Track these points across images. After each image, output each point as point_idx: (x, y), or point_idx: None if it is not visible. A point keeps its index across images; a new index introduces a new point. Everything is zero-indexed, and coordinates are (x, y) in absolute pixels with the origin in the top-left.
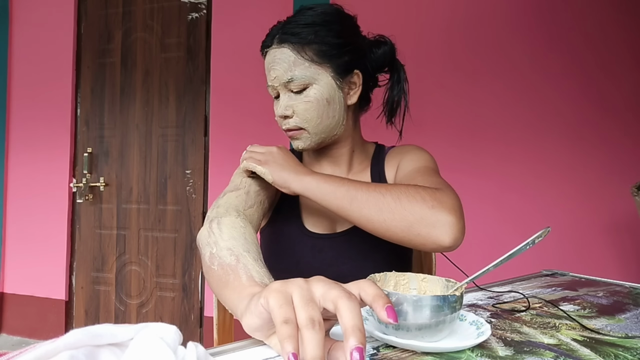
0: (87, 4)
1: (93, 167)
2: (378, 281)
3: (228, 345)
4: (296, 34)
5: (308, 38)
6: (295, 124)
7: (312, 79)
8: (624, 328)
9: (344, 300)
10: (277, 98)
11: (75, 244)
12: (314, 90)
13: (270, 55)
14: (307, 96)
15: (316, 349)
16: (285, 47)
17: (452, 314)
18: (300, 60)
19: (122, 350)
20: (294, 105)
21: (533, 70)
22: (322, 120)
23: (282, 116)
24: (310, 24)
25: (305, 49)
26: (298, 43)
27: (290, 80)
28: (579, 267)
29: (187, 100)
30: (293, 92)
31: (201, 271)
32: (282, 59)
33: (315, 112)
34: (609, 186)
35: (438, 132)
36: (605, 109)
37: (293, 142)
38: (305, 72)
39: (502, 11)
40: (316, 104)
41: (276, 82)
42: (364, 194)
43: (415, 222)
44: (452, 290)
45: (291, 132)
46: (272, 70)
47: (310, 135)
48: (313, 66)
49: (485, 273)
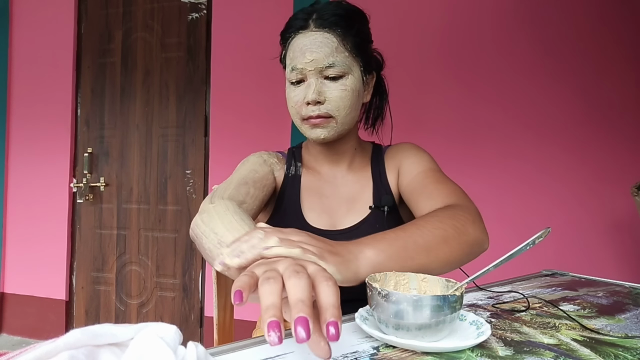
0: (87, 4)
1: (93, 167)
2: (378, 281)
3: (228, 345)
4: (337, 22)
5: (350, 29)
6: (327, 111)
7: (349, 68)
8: (624, 328)
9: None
10: (299, 83)
11: (76, 244)
12: (350, 80)
13: (307, 38)
14: (343, 85)
15: (301, 291)
16: (327, 32)
17: (452, 314)
18: (342, 48)
19: (122, 350)
20: (327, 92)
21: (533, 71)
22: (351, 111)
23: (314, 101)
24: (347, 16)
25: (347, 38)
26: (342, 31)
27: (331, 66)
28: (579, 267)
29: (187, 100)
30: (328, 78)
31: (201, 271)
32: (324, 42)
33: (349, 102)
34: (609, 186)
35: (438, 133)
36: (605, 110)
37: (314, 131)
38: (345, 60)
39: (501, 14)
40: (351, 94)
41: (312, 65)
42: (432, 239)
43: (474, 243)
44: (452, 290)
45: (318, 120)
46: (308, 52)
47: (337, 126)
48: (350, 57)
49: (485, 273)
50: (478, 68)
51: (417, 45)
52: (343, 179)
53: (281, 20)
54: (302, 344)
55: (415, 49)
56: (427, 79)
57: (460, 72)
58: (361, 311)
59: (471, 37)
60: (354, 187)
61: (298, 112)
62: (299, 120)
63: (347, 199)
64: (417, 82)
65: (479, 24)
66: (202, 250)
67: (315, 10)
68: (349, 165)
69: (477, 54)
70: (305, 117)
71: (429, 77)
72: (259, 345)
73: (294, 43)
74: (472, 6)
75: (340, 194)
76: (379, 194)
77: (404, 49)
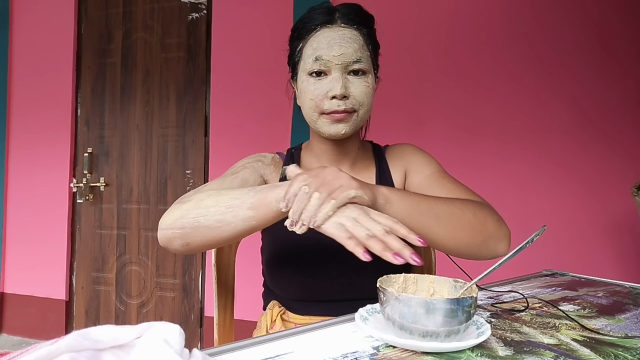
0: (87, 4)
1: (93, 167)
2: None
3: (228, 345)
4: (362, 22)
5: (371, 31)
6: (352, 106)
7: (370, 67)
8: (624, 328)
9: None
10: (319, 76)
11: (76, 244)
12: (371, 79)
13: (335, 32)
14: (366, 82)
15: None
16: (355, 30)
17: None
18: (365, 46)
19: (124, 352)
20: (351, 87)
21: (532, 69)
22: (370, 108)
23: (341, 95)
24: (369, 19)
25: (370, 40)
26: (367, 32)
27: (358, 61)
28: (579, 267)
29: (187, 100)
30: (352, 74)
31: (201, 271)
32: (352, 39)
33: (371, 99)
34: (609, 186)
35: (437, 131)
36: (605, 109)
37: (335, 127)
38: (368, 59)
39: (502, 10)
40: (371, 92)
41: (339, 59)
42: (446, 211)
43: (489, 237)
44: (463, 290)
45: (342, 115)
46: (337, 46)
47: (358, 120)
48: (370, 57)
49: (489, 273)
50: (478, 68)
51: (417, 45)
52: None
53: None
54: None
55: (414, 49)
56: (427, 79)
57: (459, 72)
58: (361, 311)
59: (471, 37)
60: None
61: (318, 106)
62: (317, 114)
63: None
64: (416, 82)
65: (479, 25)
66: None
67: (337, 9)
68: (352, 165)
69: (476, 54)
70: (328, 112)
71: (428, 77)
72: (259, 345)
73: (320, 35)
74: (472, 6)
75: None
76: None
77: (403, 48)
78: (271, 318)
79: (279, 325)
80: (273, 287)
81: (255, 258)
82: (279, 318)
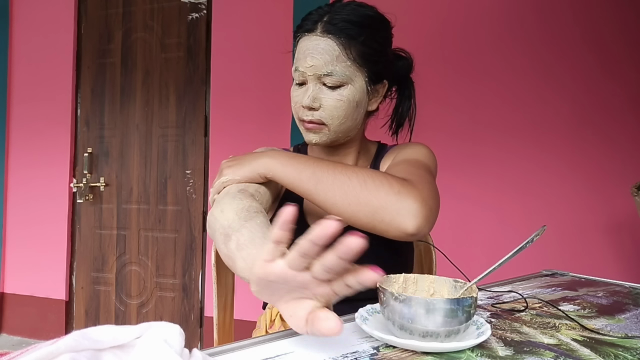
0: (87, 4)
1: (93, 167)
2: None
3: (228, 345)
4: (345, 29)
5: (357, 37)
6: (320, 118)
7: (350, 78)
8: (624, 328)
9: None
10: (301, 85)
11: (76, 244)
12: (348, 91)
13: (311, 42)
14: (340, 95)
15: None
16: (330, 39)
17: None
18: (344, 57)
19: (124, 352)
20: (322, 99)
21: (533, 69)
22: (346, 120)
23: (308, 107)
24: (360, 23)
25: (352, 47)
26: (346, 39)
27: (329, 74)
28: (579, 267)
29: (187, 101)
30: (326, 86)
31: (201, 271)
32: (325, 50)
33: (344, 112)
34: (609, 186)
35: (438, 131)
36: (605, 109)
37: (308, 135)
38: (345, 70)
39: (503, 10)
40: (347, 104)
41: (311, 70)
42: (330, 177)
43: (379, 208)
44: (463, 290)
45: (311, 125)
46: (309, 57)
47: (330, 133)
48: (353, 66)
49: (489, 273)
50: (478, 67)
51: (417, 45)
52: None
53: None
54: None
55: (414, 48)
56: (427, 79)
57: (460, 71)
58: (361, 311)
59: (471, 35)
60: None
61: (297, 113)
62: (298, 120)
63: None
64: (416, 81)
65: (479, 23)
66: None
67: (329, 13)
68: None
69: (476, 53)
70: (302, 120)
71: (428, 77)
72: (259, 345)
73: (300, 44)
74: (472, 4)
75: None
76: None
77: (404, 46)
78: (270, 318)
79: (278, 325)
80: None
81: None
82: (278, 318)
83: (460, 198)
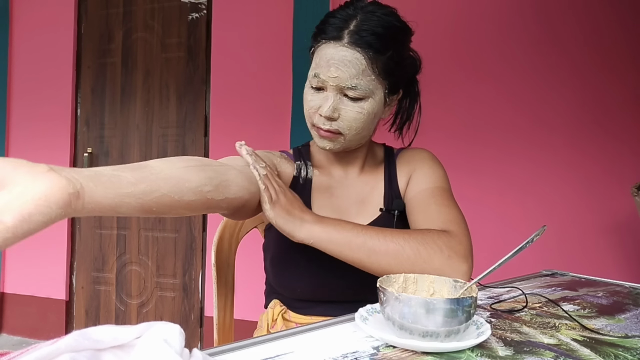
0: (87, 4)
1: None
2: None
3: (228, 345)
4: (374, 43)
5: (384, 52)
6: (337, 129)
7: (372, 92)
8: (624, 328)
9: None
10: (319, 91)
11: (76, 244)
12: (369, 104)
13: (337, 51)
14: (361, 107)
15: None
16: (358, 53)
17: (467, 322)
18: (369, 71)
19: (124, 352)
20: (342, 110)
21: (533, 70)
22: (362, 131)
23: (328, 117)
24: (385, 36)
25: (377, 62)
26: (374, 54)
27: (353, 88)
28: (579, 267)
29: (187, 100)
30: (347, 97)
31: (201, 271)
32: (352, 62)
33: (362, 124)
34: (609, 186)
35: (438, 131)
36: (605, 109)
37: (322, 141)
38: (369, 84)
39: (502, 12)
40: (366, 117)
41: (334, 81)
42: (382, 247)
43: (432, 273)
44: (463, 290)
45: (328, 134)
46: (334, 68)
47: (344, 142)
48: (377, 80)
49: (489, 273)
50: (479, 66)
51: (416, 45)
52: (354, 180)
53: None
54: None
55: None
56: (428, 78)
57: (461, 70)
58: (361, 311)
59: (473, 34)
60: (365, 189)
61: (310, 117)
62: (310, 124)
63: (357, 201)
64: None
65: (482, 22)
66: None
67: (355, 19)
68: (361, 168)
69: (478, 52)
70: (317, 126)
71: (428, 76)
72: (259, 345)
73: (323, 50)
74: (475, 4)
75: (351, 195)
76: (388, 197)
77: None
78: (272, 317)
79: (280, 325)
80: (276, 286)
81: (255, 258)
82: (280, 317)
83: (459, 198)
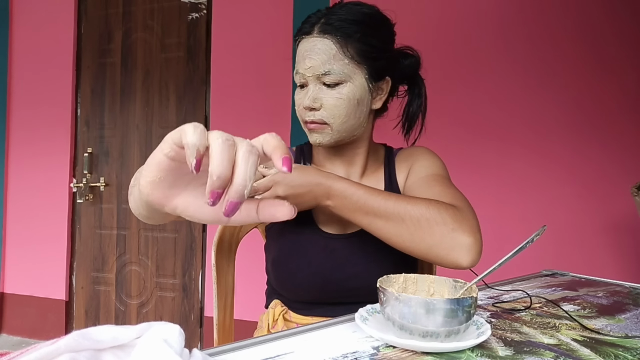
0: (87, 4)
1: (93, 167)
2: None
3: (228, 345)
4: (341, 27)
5: (353, 35)
6: (321, 118)
7: (348, 76)
8: (624, 328)
9: (243, 152)
10: (303, 87)
11: (76, 244)
12: (347, 89)
13: (309, 43)
14: (340, 93)
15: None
16: (327, 39)
17: (467, 322)
18: (341, 55)
19: (124, 352)
20: (323, 99)
21: (533, 70)
22: (348, 119)
23: (309, 108)
24: (356, 21)
25: (349, 45)
26: (342, 37)
27: (327, 73)
28: (579, 267)
29: (187, 101)
30: (325, 85)
31: (201, 271)
32: (322, 49)
33: (345, 110)
34: (609, 186)
35: (438, 131)
36: (605, 109)
37: (312, 136)
38: (343, 68)
39: (503, 12)
40: (347, 102)
41: (310, 72)
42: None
43: (434, 245)
44: (463, 290)
45: (314, 125)
46: (308, 58)
47: (333, 132)
48: (351, 64)
49: (489, 273)
50: (478, 67)
51: (417, 44)
52: (356, 180)
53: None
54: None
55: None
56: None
57: (460, 71)
58: (361, 311)
59: (472, 35)
60: None
61: (300, 115)
62: (302, 122)
63: None
64: None
65: (481, 23)
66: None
67: (325, 15)
68: (363, 169)
69: (477, 53)
70: (305, 121)
71: (427, 78)
72: (259, 345)
73: (299, 47)
74: (473, 5)
75: None
76: None
77: None
78: (273, 317)
79: (281, 325)
80: (278, 287)
81: (255, 258)
82: (281, 317)
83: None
